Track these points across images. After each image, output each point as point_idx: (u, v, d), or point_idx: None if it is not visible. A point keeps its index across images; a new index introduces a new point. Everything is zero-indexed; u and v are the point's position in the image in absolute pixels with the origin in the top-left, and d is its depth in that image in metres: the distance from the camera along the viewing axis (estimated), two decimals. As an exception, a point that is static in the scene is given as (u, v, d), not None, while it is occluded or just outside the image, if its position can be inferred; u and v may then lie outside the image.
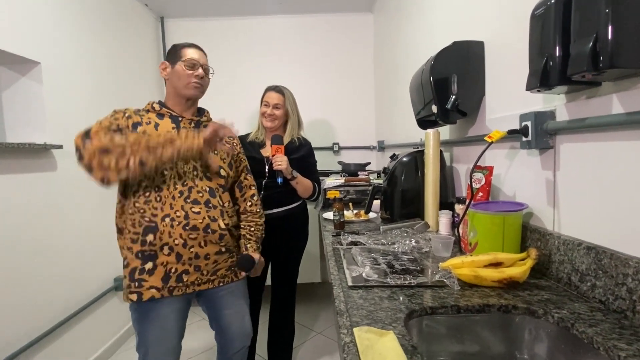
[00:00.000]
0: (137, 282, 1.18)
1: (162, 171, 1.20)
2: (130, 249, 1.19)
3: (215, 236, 1.26)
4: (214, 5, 3.02)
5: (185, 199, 1.21)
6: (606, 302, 0.74)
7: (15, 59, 1.72)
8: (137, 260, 1.18)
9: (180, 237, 1.19)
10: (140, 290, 1.18)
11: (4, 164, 1.59)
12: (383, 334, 0.65)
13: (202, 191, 1.25)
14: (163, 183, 1.20)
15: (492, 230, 0.97)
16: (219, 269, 1.31)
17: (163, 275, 1.19)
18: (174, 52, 1.31)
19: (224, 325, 1.39)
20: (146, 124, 1.22)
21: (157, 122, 1.24)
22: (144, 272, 1.18)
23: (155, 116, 1.26)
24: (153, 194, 1.19)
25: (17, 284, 1.62)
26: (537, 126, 0.91)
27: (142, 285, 1.18)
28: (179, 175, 1.22)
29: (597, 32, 0.64)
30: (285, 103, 1.76)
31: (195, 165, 1.26)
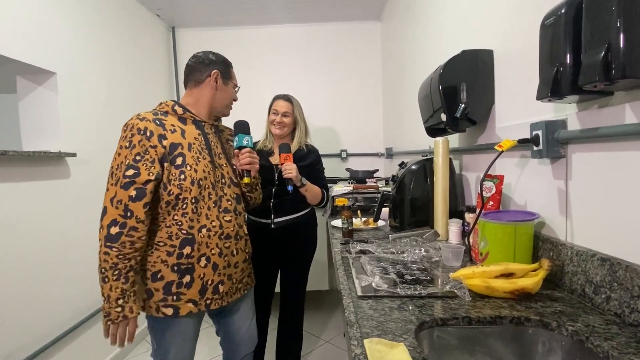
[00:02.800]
0: (174, 296, 1.15)
1: (199, 181, 1.17)
2: (165, 262, 1.14)
3: (242, 243, 1.31)
4: (224, 16, 3.08)
5: (219, 209, 1.22)
6: (622, 315, 0.72)
7: (32, 69, 1.77)
8: (173, 273, 1.15)
9: (216, 247, 1.20)
10: (177, 304, 1.15)
11: (20, 172, 1.63)
12: (394, 346, 0.64)
13: (230, 199, 1.26)
14: (199, 194, 1.17)
15: (503, 240, 0.96)
16: (244, 277, 1.34)
17: (200, 287, 1.18)
18: (227, 69, 1.29)
19: (233, 331, 1.38)
20: (171, 132, 1.15)
21: (182, 128, 1.19)
22: (181, 285, 1.15)
23: (177, 120, 1.20)
24: (190, 206, 1.16)
25: (30, 289, 1.65)
26: (548, 135, 0.90)
27: (180, 299, 1.15)
28: (212, 184, 1.21)
29: (608, 42, 0.64)
30: (294, 111, 1.79)
31: (223, 172, 1.26)
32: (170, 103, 1.22)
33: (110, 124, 2.32)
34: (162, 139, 1.13)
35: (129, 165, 1.09)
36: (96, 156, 2.15)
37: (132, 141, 1.10)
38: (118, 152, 1.11)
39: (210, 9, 2.95)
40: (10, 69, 1.78)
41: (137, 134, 1.11)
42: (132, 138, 1.11)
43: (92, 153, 2.12)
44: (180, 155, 1.15)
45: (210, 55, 1.27)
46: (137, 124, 1.12)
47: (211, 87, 1.25)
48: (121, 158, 1.10)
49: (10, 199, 1.58)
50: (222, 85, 1.27)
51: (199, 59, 1.26)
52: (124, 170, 1.08)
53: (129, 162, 1.09)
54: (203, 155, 1.21)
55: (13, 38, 1.62)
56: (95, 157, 2.14)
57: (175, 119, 1.20)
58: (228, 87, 1.29)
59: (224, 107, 1.31)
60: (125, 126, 1.13)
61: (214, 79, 1.24)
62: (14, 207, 1.59)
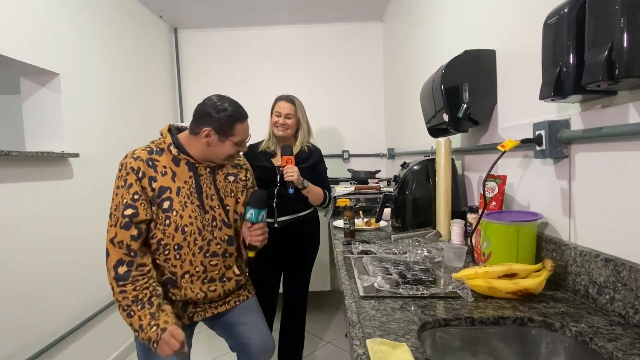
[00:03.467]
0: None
1: (183, 227, 1.16)
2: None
3: (231, 284, 1.29)
4: (226, 17, 3.08)
5: (205, 254, 1.20)
6: (626, 316, 0.72)
7: (35, 70, 1.78)
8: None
9: (200, 291, 1.21)
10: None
11: (23, 172, 1.64)
12: (396, 346, 0.64)
13: (220, 242, 1.23)
14: (183, 240, 1.16)
15: (506, 241, 0.96)
16: (234, 290, 1.33)
17: (180, 304, 1.22)
18: (228, 124, 1.18)
19: (245, 341, 1.34)
20: (161, 175, 1.14)
21: (174, 170, 1.17)
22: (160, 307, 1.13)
23: (171, 160, 1.18)
24: (172, 252, 1.16)
25: (34, 289, 1.65)
26: (551, 135, 0.90)
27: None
28: (199, 229, 1.18)
29: (612, 41, 0.64)
30: (297, 112, 1.78)
31: (215, 214, 1.22)
32: (168, 140, 1.19)
33: (112, 125, 2.33)
34: (152, 182, 1.14)
35: (127, 204, 1.09)
36: (99, 157, 2.16)
37: (127, 180, 1.12)
38: (115, 192, 1.12)
39: (212, 11, 2.96)
40: (14, 70, 1.79)
41: (132, 172, 1.12)
42: (127, 177, 1.12)
43: (95, 154, 2.13)
44: (168, 199, 1.15)
45: (215, 106, 1.17)
46: (130, 163, 1.13)
47: (202, 142, 1.18)
48: (118, 198, 1.11)
49: (13, 199, 1.58)
50: (217, 142, 1.19)
51: (200, 109, 1.19)
52: (122, 210, 1.09)
53: (127, 201, 1.10)
54: (192, 200, 1.18)
55: (17, 39, 1.62)
56: (98, 157, 2.15)
57: (169, 159, 1.18)
58: (224, 144, 1.19)
59: (218, 159, 1.23)
60: (120, 165, 1.14)
61: (205, 135, 1.17)
62: (17, 207, 1.60)
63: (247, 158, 1.84)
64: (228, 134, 1.19)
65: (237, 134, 1.21)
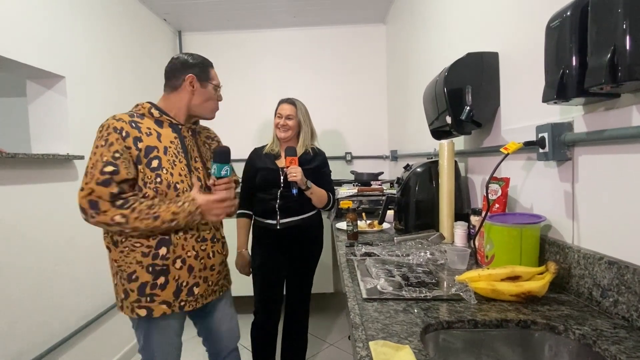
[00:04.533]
0: (148, 297, 1.13)
1: (175, 185, 1.16)
2: (140, 262, 1.12)
3: (219, 245, 1.31)
4: (230, 19, 3.10)
5: None
6: (630, 319, 0.72)
7: (41, 73, 1.80)
8: (148, 274, 1.13)
9: (192, 249, 1.19)
10: (151, 305, 1.14)
11: (29, 174, 1.66)
12: (399, 348, 0.64)
13: None
14: (176, 197, 1.16)
15: (509, 243, 0.96)
16: (220, 279, 1.33)
17: (175, 289, 1.17)
18: (204, 70, 1.24)
19: (214, 329, 1.36)
20: (146, 135, 1.14)
21: (159, 132, 1.17)
22: (155, 287, 1.14)
23: (153, 123, 1.18)
24: None
25: (40, 290, 1.67)
26: (555, 138, 0.90)
27: (154, 300, 1.14)
28: (189, 187, 1.19)
29: (614, 44, 0.64)
30: (297, 114, 1.79)
31: (200, 176, 1.23)
32: (146, 105, 1.20)
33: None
34: (137, 142, 1.11)
35: (107, 162, 1.05)
36: (103, 159, 2.18)
37: (108, 139, 1.08)
38: (94, 152, 1.08)
39: (216, 13, 2.98)
40: (21, 73, 1.81)
41: (114, 132, 1.09)
42: (109, 136, 1.09)
43: (100, 156, 2.15)
44: (156, 158, 1.13)
45: (187, 57, 1.24)
46: (112, 123, 1.10)
47: (188, 91, 1.21)
48: (97, 156, 1.07)
49: (19, 201, 1.60)
50: (200, 89, 1.23)
51: (174, 64, 1.24)
52: (100, 167, 1.05)
53: (107, 159, 1.06)
54: (179, 159, 1.19)
55: (23, 43, 1.65)
56: (102, 159, 2.17)
57: (151, 122, 1.18)
58: (207, 89, 1.25)
59: (204, 110, 1.26)
60: (101, 127, 1.12)
61: (189, 82, 1.21)
62: (23, 209, 1.61)
63: (252, 160, 1.87)
64: (207, 78, 1.25)
65: (214, 77, 1.28)
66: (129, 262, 1.13)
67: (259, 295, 1.84)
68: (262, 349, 1.87)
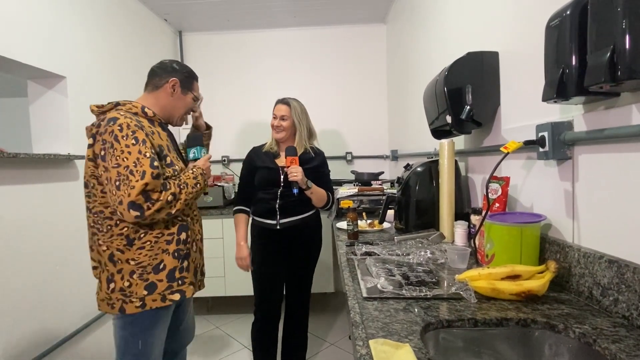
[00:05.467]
0: (179, 281, 1.19)
1: None
2: (166, 250, 1.18)
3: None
4: (230, 19, 3.10)
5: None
6: (630, 318, 0.72)
7: (43, 73, 1.81)
8: (175, 260, 1.19)
9: (199, 233, 1.33)
10: (183, 287, 1.20)
11: (30, 174, 1.66)
12: (399, 347, 0.65)
13: None
14: None
15: (509, 242, 0.96)
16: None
17: (194, 270, 1.27)
18: (189, 80, 1.32)
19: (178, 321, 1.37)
20: (152, 134, 1.17)
21: (159, 131, 1.23)
22: (183, 270, 1.20)
23: (147, 122, 1.21)
24: None
25: (41, 289, 1.67)
26: (555, 137, 0.90)
27: (184, 282, 1.21)
28: None
29: (614, 43, 0.64)
30: (292, 114, 1.78)
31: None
32: (137, 104, 1.22)
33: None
34: (152, 139, 1.15)
35: (152, 157, 1.09)
36: (104, 159, 2.18)
37: (137, 137, 1.09)
38: (127, 151, 1.06)
39: (217, 14, 2.98)
40: (22, 73, 1.81)
41: (138, 129, 1.11)
42: (137, 134, 1.09)
43: (101, 156, 2.15)
44: (167, 155, 1.20)
45: (176, 65, 1.31)
46: (128, 122, 1.10)
47: (167, 93, 1.26)
48: (135, 155, 1.07)
49: (20, 200, 1.60)
50: (180, 94, 1.29)
51: (164, 64, 1.30)
52: (149, 162, 1.07)
53: (150, 154, 1.09)
54: (176, 156, 1.28)
55: (25, 43, 1.65)
56: (103, 159, 2.17)
57: (146, 121, 1.21)
58: (186, 97, 1.31)
59: (177, 116, 1.32)
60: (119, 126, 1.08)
61: (171, 85, 1.26)
62: (24, 209, 1.62)
63: (250, 158, 1.87)
64: (190, 87, 1.32)
65: (196, 90, 1.35)
66: (153, 254, 1.16)
67: (259, 294, 1.84)
68: (263, 348, 1.87)
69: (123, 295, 1.14)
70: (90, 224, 1.19)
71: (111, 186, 1.08)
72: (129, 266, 1.15)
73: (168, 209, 1.13)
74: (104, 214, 1.15)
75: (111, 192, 1.09)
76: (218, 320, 2.79)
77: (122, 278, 1.15)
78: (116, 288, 1.15)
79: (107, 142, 1.09)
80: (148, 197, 1.07)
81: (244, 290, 2.69)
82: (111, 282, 1.15)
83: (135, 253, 1.15)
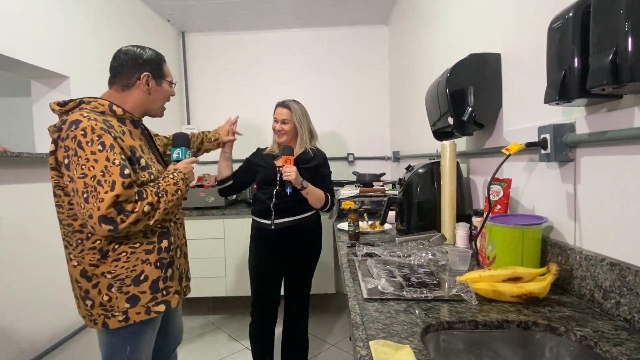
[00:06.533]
0: (163, 291, 1.12)
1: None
2: (146, 260, 1.09)
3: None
4: (233, 20, 3.11)
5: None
6: (631, 321, 0.71)
7: (46, 73, 1.82)
8: (158, 270, 1.11)
9: (183, 237, 1.27)
10: (167, 298, 1.13)
11: (33, 174, 1.67)
12: (399, 348, 0.64)
13: None
14: None
15: (510, 244, 0.95)
16: None
17: (178, 277, 1.21)
18: (158, 66, 1.19)
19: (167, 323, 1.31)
20: (122, 134, 1.07)
21: (130, 130, 1.13)
22: (167, 279, 1.13)
23: (117, 121, 1.10)
24: None
25: (43, 289, 1.68)
26: (557, 139, 0.90)
27: (169, 292, 1.14)
28: None
29: (617, 45, 0.64)
30: (293, 117, 1.78)
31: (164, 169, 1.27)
32: (104, 102, 1.09)
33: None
34: (121, 141, 1.04)
35: (122, 164, 0.99)
36: (107, 158, 2.19)
37: (104, 142, 0.98)
38: (94, 159, 0.96)
39: (219, 14, 2.99)
40: (25, 73, 1.82)
41: (105, 133, 0.99)
42: (103, 139, 0.98)
43: (103, 155, 2.16)
44: (141, 157, 1.10)
45: (138, 51, 1.16)
46: (92, 124, 0.98)
47: (142, 90, 1.15)
48: (102, 162, 0.96)
49: (23, 199, 1.61)
50: (155, 86, 1.18)
51: (122, 60, 1.14)
52: (119, 171, 0.97)
53: (119, 161, 0.98)
54: (152, 156, 1.19)
55: (28, 43, 1.66)
56: (105, 159, 2.18)
57: (114, 120, 1.09)
58: (162, 87, 1.20)
59: (158, 108, 1.23)
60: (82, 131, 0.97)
61: (145, 82, 1.15)
62: (27, 208, 1.63)
63: (252, 157, 1.89)
64: (162, 75, 1.20)
65: (168, 74, 1.24)
66: (130, 266, 1.07)
67: (255, 295, 1.85)
68: (259, 349, 1.88)
69: (104, 310, 1.06)
70: (62, 236, 1.11)
71: (79, 198, 0.98)
72: (105, 280, 1.06)
73: (146, 221, 1.03)
74: (73, 227, 1.06)
75: (79, 205, 0.98)
76: (218, 321, 2.79)
77: (99, 293, 1.06)
78: (95, 304, 1.06)
79: (70, 148, 0.98)
80: (121, 210, 0.98)
81: (244, 290, 2.69)
82: (86, 300, 1.07)
83: (110, 266, 1.06)
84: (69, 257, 1.09)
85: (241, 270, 2.70)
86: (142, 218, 1.02)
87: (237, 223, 2.70)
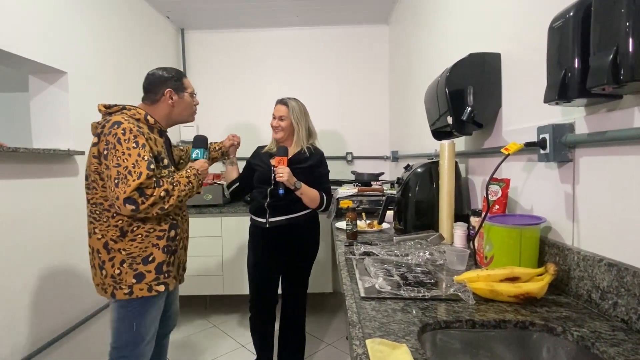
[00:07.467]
0: (165, 274, 1.32)
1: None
2: (156, 245, 1.30)
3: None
4: (232, 18, 3.10)
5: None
6: (629, 322, 0.71)
7: (44, 68, 1.80)
8: (164, 254, 1.32)
9: (186, 231, 1.46)
10: (167, 280, 1.33)
11: (30, 169, 1.66)
12: (396, 347, 0.64)
13: None
14: None
15: (508, 244, 0.95)
16: None
17: (177, 265, 1.41)
18: (179, 82, 1.41)
19: (168, 304, 1.48)
20: (148, 140, 1.28)
21: (153, 137, 1.32)
22: (169, 264, 1.34)
23: (147, 128, 1.32)
24: None
25: (41, 284, 1.67)
26: (556, 139, 0.90)
27: (169, 276, 1.34)
28: None
29: (617, 45, 0.63)
30: (290, 114, 1.78)
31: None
32: (142, 111, 1.33)
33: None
34: (150, 145, 1.27)
35: (149, 160, 1.20)
36: (104, 155, 2.18)
37: (138, 141, 1.21)
38: (127, 153, 1.19)
39: (219, 12, 2.98)
40: (23, 68, 1.81)
41: (140, 134, 1.23)
42: (138, 139, 1.21)
43: (101, 152, 2.15)
44: (164, 158, 1.33)
45: (161, 72, 1.40)
46: (131, 127, 1.22)
47: (167, 104, 1.39)
48: (134, 157, 1.19)
49: (19, 195, 1.60)
50: (178, 99, 1.40)
51: (152, 80, 1.39)
52: (146, 165, 1.19)
53: (148, 157, 1.20)
54: (169, 162, 1.38)
55: (26, 38, 1.65)
56: (103, 155, 2.17)
57: (146, 127, 1.32)
58: (184, 99, 1.42)
59: (185, 116, 1.47)
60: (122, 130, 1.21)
61: (169, 97, 1.38)
62: (23, 204, 1.62)
63: (252, 156, 1.90)
64: (182, 88, 1.42)
65: (188, 86, 1.45)
66: (144, 247, 1.28)
67: (253, 293, 1.86)
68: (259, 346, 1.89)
69: (114, 282, 1.27)
70: (89, 213, 1.30)
71: (110, 183, 1.20)
72: (120, 255, 1.27)
73: (161, 204, 1.24)
74: (103, 206, 1.27)
75: (110, 189, 1.20)
76: (215, 319, 2.79)
77: (112, 266, 1.27)
78: (108, 274, 1.27)
79: (110, 143, 1.21)
80: (142, 193, 1.20)
81: (241, 289, 2.69)
82: (102, 269, 1.28)
83: (127, 244, 1.27)
84: (94, 231, 1.29)
85: (238, 268, 2.69)
86: (158, 201, 1.23)
87: (235, 221, 2.70)
